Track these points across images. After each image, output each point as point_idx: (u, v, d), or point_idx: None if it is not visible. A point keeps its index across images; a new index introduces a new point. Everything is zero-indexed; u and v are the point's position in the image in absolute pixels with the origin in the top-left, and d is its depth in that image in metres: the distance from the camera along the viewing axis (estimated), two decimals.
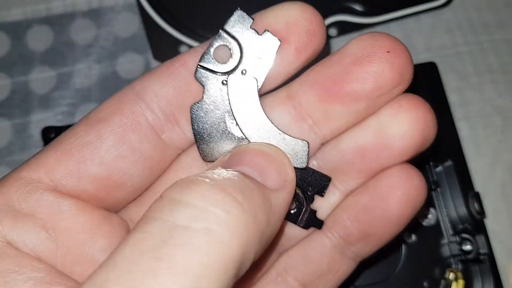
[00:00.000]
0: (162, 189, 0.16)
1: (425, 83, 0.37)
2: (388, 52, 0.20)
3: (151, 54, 0.40)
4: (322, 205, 0.22)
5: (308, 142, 0.20)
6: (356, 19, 0.41)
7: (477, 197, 0.34)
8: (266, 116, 0.20)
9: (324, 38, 0.21)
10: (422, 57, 0.41)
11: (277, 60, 0.20)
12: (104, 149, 0.19)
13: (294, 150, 0.20)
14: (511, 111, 0.40)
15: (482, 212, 0.34)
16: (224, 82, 0.20)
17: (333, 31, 0.41)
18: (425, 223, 0.35)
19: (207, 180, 0.16)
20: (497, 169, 0.38)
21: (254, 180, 0.17)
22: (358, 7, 0.41)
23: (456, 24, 0.42)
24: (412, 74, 0.21)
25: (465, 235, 0.34)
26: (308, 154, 0.20)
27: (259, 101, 0.20)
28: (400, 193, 0.21)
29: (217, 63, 0.20)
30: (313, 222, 0.22)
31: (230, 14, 0.41)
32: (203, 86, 0.20)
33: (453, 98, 0.40)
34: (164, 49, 0.40)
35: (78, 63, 0.40)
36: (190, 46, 0.39)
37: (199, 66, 0.20)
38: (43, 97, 0.40)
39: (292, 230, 0.23)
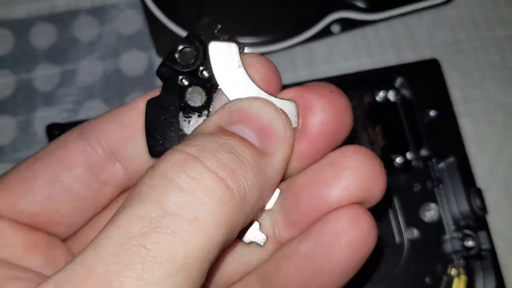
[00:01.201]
0: (101, 225, 0.15)
1: (428, 80, 0.37)
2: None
3: (154, 51, 0.40)
4: (259, 253, 0.21)
5: (295, 102, 0.20)
6: (359, 16, 0.41)
7: (479, 193, 0.34)
8: (250, 80, 0.20)
9: None
10: (424, 54, 0.41)
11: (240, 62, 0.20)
12: (36, 188, 0.19)
13: (285, 111, 0.19)
14: None
15: (484, 208, 0.34)
16: (184, 81, 0.20)
17: (335, 28, 0.41)
18: (427, 219, 0.35)
19: (201, 158, 0.15)
20: (500, 165, 0.38)
21: (251, 149, 0.17)
22: (360, 4, 0.41)
23: (459, 20, 0.42)
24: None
25: (467, 231, 0.34)
26: (297, 114, 0.20)
27: (242, 65, 0.20)
28: (345, 241, 0.18)
29: (180, 62, 0.20)
30: (255, 237, 0.20)
31: (232, 11, 0.41)
32: (163, 82, 0.20)
33: (456, 95, 0.40)
34: (167, 46, 0.40)
35: (81, 61, 0.40)
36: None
37: (163, 63, 0.20)
38: (47, 94, 0.40)
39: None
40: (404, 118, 0.37)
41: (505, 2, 0.43)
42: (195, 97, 0.20)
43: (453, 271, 0.34)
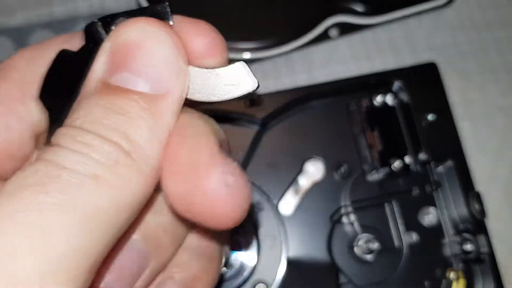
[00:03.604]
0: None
1: (426, 83, 0.37)
2: None
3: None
4: None
5: (243, 61, 0.18)
6: (357, 20, 0.41)
7: (478, 197, 0.34)
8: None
9: None
10: (424, 57, 0.41)
11: None
12: None
13: (236, 77, 0.18)
14: None
15: (483, 212, 0.34)
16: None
17: (334, 32, 0.41)
18: (426, 223, 0.36)
19: (91, 130, 0.14)
20: (500, 168, 0.38)
21: (141, 101, 0.15)
22: (359, 8, 0.41)
23: (458, 23, 0.42)
24: None
25: (466, 235, 0.35)
26: (251, 71, 0.18)
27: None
28: None
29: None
30: None
31: (231, 17, 0.41)
32: (86, 41, 0.18)
33: (455, 97, 0.40)
34: None
35: None
36: None
37: (94, 23, 0.17)
38: None
39: None
40: (402, 122, 0.37)
41: (505, 3, 0.43)
42: None
43: (452, 275, 0.34)
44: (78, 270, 0.13)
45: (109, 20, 0.17)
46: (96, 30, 0.17)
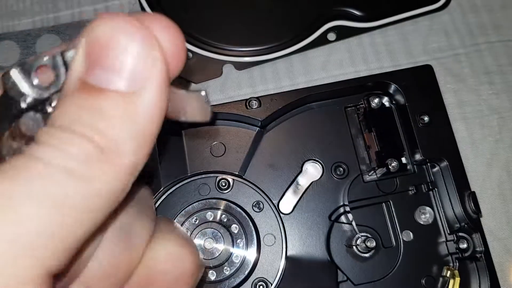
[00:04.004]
0: None
1: (422, 85, 0.37)
2: None
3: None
4: None
5: (205, 91, 0.17)
6: (354, 24, 0.41)
7: (473, 196, 0.35)
8: None
9: None
10: (419, 60, 0.42)
11: None
12: None
13: (195, 104, 0.17)
14: (507, 111, 0.41)
15: (478, 211, 0.35)
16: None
17: (332, 36, 0.42)
18: (423, 222, 0.36)
19: (67, 127, 0.15)
20: (494, 168, 0.39)
21: (115, 99, 0.15)
22: (356, 12, 0.42)
23: (453, 26, 0.43)
24: None
25: (461, 234, 0.35)
26: (208, 102, 0.17)
27: None
28: None
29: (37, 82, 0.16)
30: None
31: (231, 22, 0.42)
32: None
33: (450, 99, 0.41)
34: None
35: None
36: (193, 52, 0.41)
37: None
38: None
39: None
40: (399, 124, 0.38)
41: (499, 8, 0.44)
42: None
43: (448, 273, 0.35)
44: (50, 253, 0.14)
45: (28, 68, 0.16)
46: (8, 81, 0.16)
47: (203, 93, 0.17)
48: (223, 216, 0.35)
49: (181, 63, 0.18)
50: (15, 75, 0.16)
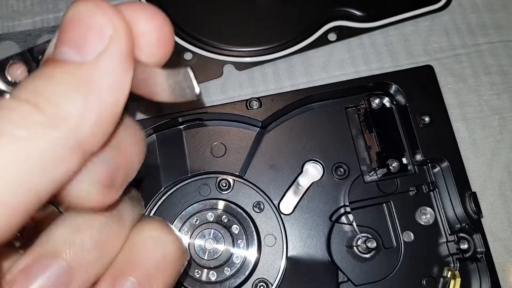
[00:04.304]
0: None
1: (422, 86, 0.37)
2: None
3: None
4: None
5: (190, 67, 0.17)
6: (355, 24, 0.41)
7: (473, 197, 0.35)
8: None
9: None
10: (420, 60, 0.42)
11: None
12: None
13: (181, 82, 0.17)
14: (508, 112, 0.41)
15: (478, 212, 0.35)
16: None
17: (332, 36, 0.42)
18: (424, 222, 0.36)
19: (15, 92, 0.15)
20: (495, 168, 0.39)
21: (68, 67, 0.15)
22: (357, 13, 0.42)
23: (454, 26, 0.43)
24: None
25: (462, 234, 0.35)
26: (195, 78, 0.17)
27: None
28: None
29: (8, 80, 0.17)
30: None
31: (232, 22, 0.42)
32: None
33: (451, 99, 0.41)
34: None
35: None
36: (193, 53, 0.41)
37: None
38: None
39: None
40: (399, 124, 0.38)
41: (500, 8, 0.44)
42: None
43: (449, 274, 0.35)
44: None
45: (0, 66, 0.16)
46: None
47: (186, 70, 0.16)
48: (224, 216, 0.35)
49: (167, 49, 0.18)
50: None
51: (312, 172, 0.37)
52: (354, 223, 0.36)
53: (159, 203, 0.36)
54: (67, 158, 0.15)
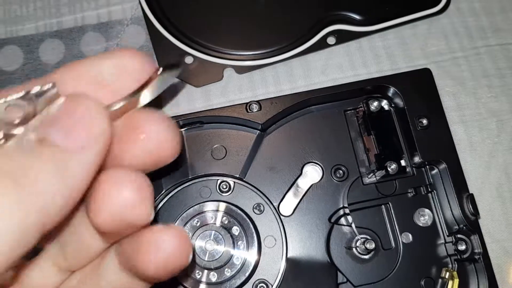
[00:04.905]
0: None
1: (420, 89, 0.38)
2: None
3: (156, 65, 0.42)
4: None
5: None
6: (354, 28, 0.42)
7: (471, 198, 0.35)
8: None
9: None
10: (418, 63, 0.42)
11: None
12: None
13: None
14: (505, 114, 0.41)
15: (476, 213, 0.35)
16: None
17: (331, 40, 0.42)
18: (422, 224, 0.37)
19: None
20: (492, 170, 0.39)
21: (50, 149, 0.17)
22: (355, 16, 0.42)
23: (452, 30, 0.43)
24: None
25: (460, 236, 0.36)
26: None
27: None
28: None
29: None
30: None
31: (232, 26, 0.42)
32: None
33: (449, 102, 0.41)
34: (169, 60, 0.41)
35: None
36: (194, 57, 0.41)
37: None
38: None
39: None
40: (398, 126, 0.38)
41: (498, 11, 0.44)
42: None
43: (447, 275, 0.35)
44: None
45: None
46: None
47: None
48: (224, 218, 0.36)
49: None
50: None
51: (312, 174, 0.38)
52: (353, 225, 0.36)
53: (161, 205, 0.36)
54: (26, 230, 0.16)
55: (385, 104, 0.39)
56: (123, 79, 0.20)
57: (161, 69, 0.20)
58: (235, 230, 0.36)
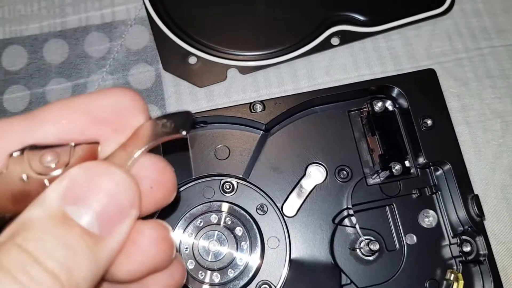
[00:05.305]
0: None
1: (425, 89, 0.38)
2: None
3: (161, 65, 0.42)
4: None
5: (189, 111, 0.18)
6: (358, 29, 0.42)
7: (476, 199, 0.35)
8: None
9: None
10: (422, 64, 0.42)
11: None
12: None
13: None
14: (510, 115, 0.41)
15: (481, 215, 0.35)
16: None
17: (335, 40, 0.42)
18: (426, 225, 0.36)
19: (40, 258, 0.15)
20: (497, 171, 0.39)
21: (88, 241, 0.16)
22: (359, 17, 0.42)
23: (456, 31, 0.43)
24: None
25: (465, 237, 0.35)
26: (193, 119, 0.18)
27: None
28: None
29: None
30: None
31: (236, 28, 0.42)
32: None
33: (453, 103, 0.41)
34: (173, 60, 0.41)
35: (92, 75, 0.42)
36: (198, 57, 0.41)
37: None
38: None
39: None
40: (402, 127, 0.38)
41: (501, 12, 0.44)
42: None
43: (452, 276, 0.35)
44: None
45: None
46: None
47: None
48: (228, 218, 0.36)
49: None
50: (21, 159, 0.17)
51: (315, 174, 0.37)
52: (357, 226, 0.36)
53: None
54: None
55: (389, 104, 0.38)
56: (120, 116, 0.20)
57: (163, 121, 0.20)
58: (239, 230, 0.35)
